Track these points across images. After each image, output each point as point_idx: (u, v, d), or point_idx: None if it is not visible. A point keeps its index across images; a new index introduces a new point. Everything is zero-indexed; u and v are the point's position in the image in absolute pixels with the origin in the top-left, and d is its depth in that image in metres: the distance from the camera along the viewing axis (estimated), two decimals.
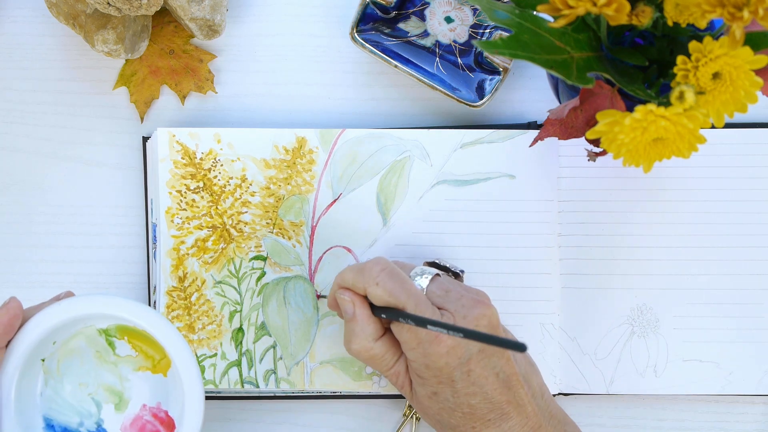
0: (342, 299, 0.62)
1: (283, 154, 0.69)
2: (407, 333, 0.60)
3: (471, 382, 0.59)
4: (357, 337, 0.61)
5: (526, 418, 0.60)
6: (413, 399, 0.62)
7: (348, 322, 0.62)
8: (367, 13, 0.70)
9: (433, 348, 0.59)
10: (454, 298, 0.61)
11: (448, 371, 0.59)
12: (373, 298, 0.60)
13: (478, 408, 0.59)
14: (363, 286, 0.61)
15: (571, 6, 0.50)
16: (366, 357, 0.62)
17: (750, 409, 0.70)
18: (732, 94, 0.52)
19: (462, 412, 0.60)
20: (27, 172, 0.72)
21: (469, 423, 0.60)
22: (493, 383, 0.59)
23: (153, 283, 0.70)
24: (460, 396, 0.59)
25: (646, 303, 0.69)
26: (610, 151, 0.52)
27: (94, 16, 0.67)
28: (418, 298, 0.60)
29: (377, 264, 0.61)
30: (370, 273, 0.60)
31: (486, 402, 0.59)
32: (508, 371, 0.60)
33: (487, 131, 0.69)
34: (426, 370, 0.60)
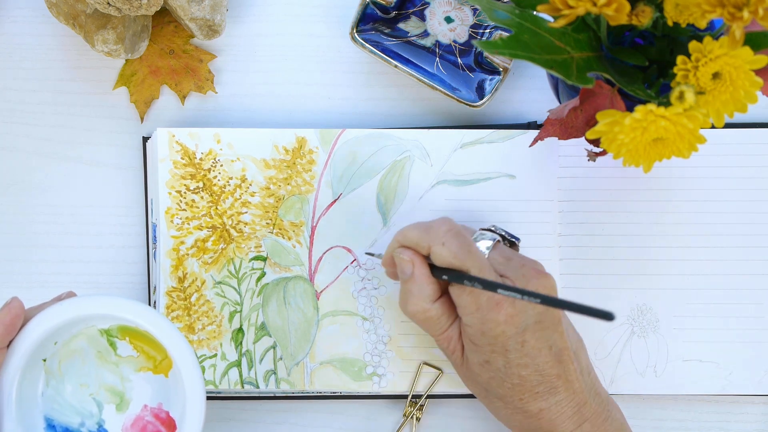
0: (401, 258, 0.61)
1: (283, 154, 0.69)
2: (467, 297, 0.59)
3: (524, 353, 0.59)
4: (414, 297, 0.60)
5: (573, 394, 0.60)
6: (462, 365, 0.62)
7: (405, 282, 0.61)
8: (367, 13, 0.70)
9: (492, 315, 0.58)
10: (515, 266, 0.60)
11: (504, 340, 0.58)
12: (437, 259, 0.59)
13: (528, 379, 0.59)
14: (427, 245, 0.59)
15: (571, 6, 0.50)
16: (421, 319, 0.61)
17: (750, 409, 0.70)
18: (732, 94, 0.52)
19: (511, 382, 0.59)
20: (27, 172, 0.72)
21: (518, 394, 0.60)
22: (546, 356, 0.59)
23: (153, 283, 0.70)
24: (512, 366, 0.59)
25: (646, 303, 0.69)
26: (610, 151, 0.52)
27: (94, 16, 0.67)
28: (482, 262, 0.59)
29: (444, 224, 0.60)
30: (436, 232, 0.59)
31: (537, 374, 0.59)
32: (560, 345, 0.60)
33: (487, 131, 0.69)
34: (481, 337, 0.59)
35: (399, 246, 0.61)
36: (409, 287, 0.60)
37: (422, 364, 0.69)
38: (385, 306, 0.69)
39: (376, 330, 0.69)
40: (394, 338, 0.69)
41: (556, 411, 0.60)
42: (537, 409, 0.60)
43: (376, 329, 0.69)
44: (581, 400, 0.60)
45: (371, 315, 0.69)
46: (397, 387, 0.69)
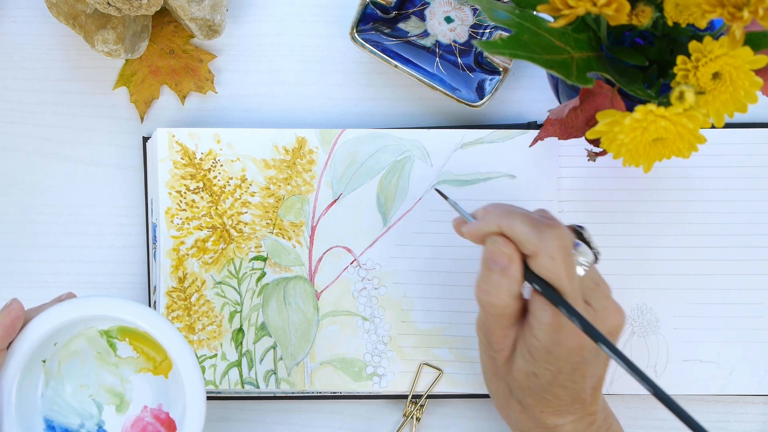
0: (501, 251, 0.57)
1: (283, 155, 0.69)
2: (550, 315, 0.56)
3: (572, 378, 0.58)
4: (501, 291, 0.57)
5: (588, 415, 0.60)
6: (504, 364, 0.60)
7: (493, 272, 0.57)
8: (367, 13, 0.70)
9: (567, 341, 0.57)
10: (599, 296, 0.58)
11: (563, 362, 0.57)
12: (538, 268, 0.56)
13: (561, 399, 0.59)
14: (534, 251, 0.56)
15: (571, 6, 0.50)
16: (497, 312, 0.58)
17: (750, 409, 0.70)
18: (732, 94, 0.52)
19: (544, 397, 0.59)
20: (27, 172, 0.72)
21: (541, 407, 0.60)
22: (587, 384, 0.59)
23: (153, 283, 0.70)
24: (555, 385, 0.59)
25: (646, 303, 0.69)
26: (610, 151, 0.52)
27: (94, 16, 0.67)
28: (577, 290, 0.57)
29: (559, 238, 0.56)
30: (549, 243, 0.56)
31: (570, 397, 0.59)
32: (601, 375, 0.60)
33: (487, 131, 0.69)
34: (543, 353, 0.57)
35: (499, 232, 0.57)
36: (498, 279, 0.57)
37: (422, 365, 0.69)
38: (385, 306, 0.69)
39: (376, 330, 0.69)
40: (395, 338, 0.69)
41: (568, 428, 0.60)
42: (553, 424, 0.60)
43: (377, 329, 0.69)
44: (593, 419, 0.61)
45: (371, 315, 0.69)
46: (398, 387, 0.69)
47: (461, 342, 0.69)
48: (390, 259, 0.69)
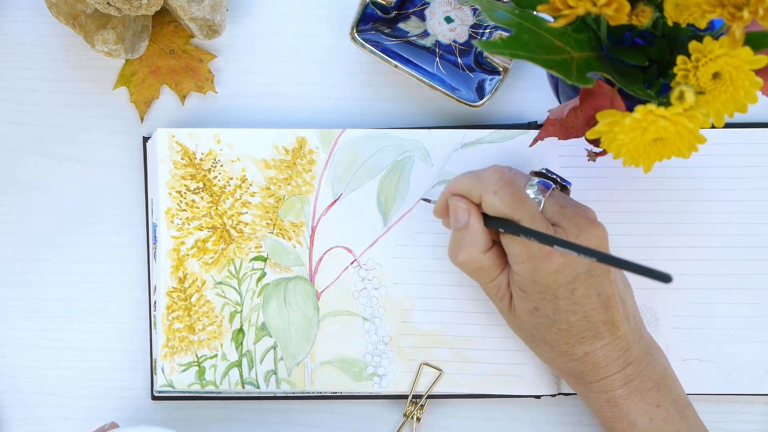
0: (456, 206, 0.61)
1: (283, 155, 0.69)
2: (519, 246, 0.59)
3: (574, 300, 0.59)
4: (467, 246, 0.60)
5: (618, 339, 0.61)
6: (510, 312, 0.62)
7: (458, 230, 0.61)
8: (367, 13, 0.70)
9: (544, 264, 0.58)
10: (569, 215, 0.60)
11: (554, 288, 0.59)
12: (489, 208, 0.59)
13: (576, 325, 0.60)
14: (479, 194, 0.60)
15: (571, 6, 0.50)
16: (472, 268, 0.61)
17: (750, 409, 0.70)
18: (732, 94, 0.52)
19: (559, 328, 0.60)
20: (27, 172, 0.72)
21: (564, 339, 0.61)
22: (594, 303, 0.60)
23: (153, 283, 0.70)
24: (561, 313, 0.60)
25: (646, 303, 0.69)
26: (610, 151, 0.52)
27: (94, 16, 0.67)
28: (533, 212, 0.59)
29: (496, 172, 0.60)
30: (489, 181, 0.59)
31: (584, 320, 0.60)
32: (609, 293, 0.60)
33: (487, 131, 0.69)
34: (531, 285, 0.59)
35: (451, 195, 0.61)
36: (462, 236, 0.60)
37: (422, 365, 0.69)
38: (385, 306, 0.69)
39: (376, 330, 0.69)
40: (395, 338, 0.69)
41: (601, 355, 0.61)
42: (582, 353, 0.61)
43: (377, 329, 0.69)
44: (626, 344, 0.61)
45: (372, 315, 0.69)
46: (398, 387, 0.69)
47: (461, 342, 0.69)
48: (390, 259, 0.69)
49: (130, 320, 0.71)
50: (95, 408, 0.71)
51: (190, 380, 0.68)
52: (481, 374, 0.69)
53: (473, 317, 0.68)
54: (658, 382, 0.62)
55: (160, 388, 0.68)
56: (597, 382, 0.62)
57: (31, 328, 0.71)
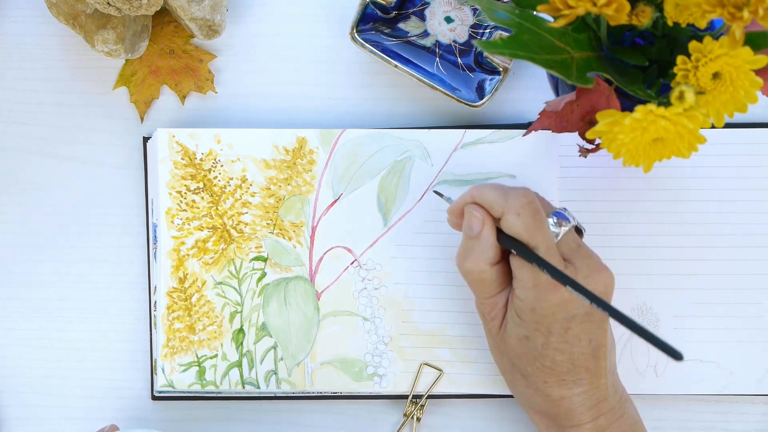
0: (472, 215, 0.60)
1: (283, 155, 0.69)
2: (528, 272, 0.58)
3: (565, 339, 0.59)
4: (475, 255, 0.60)
5: (596, 389, 0.60)
6: (498, 335, 0.62)
7: (469, 239, 0.60)
8: (367, 13, 0.70)
9: (548, 296, 0.58)
10: (583, 255, 0.60)
11: (550, 321, 0.58)
12: (508, 227, 0.59)
13: (560, 365, 0.59)
14: (501, 211, 0.59)
15: (571, 6, 0.50)
16: (475, 278, 0.60)
17: (750, 409, 0.70)
18: (732, 94, 0.52)
19: (543, 363, 0.60)
20: (27, 172, 0.72)
21: (544, 377, 0.60)
22: (584, 348, 0.59)
23: (153, 283, 0.70)
24: (549, 348, 0.59)
25: (646, 303, 0.69)
26: (611, 151, 0.52)
27: (94, 16, 0.67)
28: (550, 243, 0.58)
29: (524, 196, 0.59)
30: (514, 201, 0.59)
31: (569, 362, 0.59)
32: (600, 341, 0.60)
33: (487, 131, 0.69)
34: (529, 313, 0.59)
35: (472, 202, 0.61)
36: (472, 245, 0.60)
37: (423, 365, 0.69)
38: (385, 306, 0.69)
39: (376, 330, 0.69)
40: (395, 339, 0.69)
41: (577, 401, 0.60)
42: (559, 396, 0.60)
43: (377, 330, 0.69)
44: (602, 395, 0.61)
45: (372, 315, 0.69)
46: (398, 387, 0.69)
47: (462, 342, 0.69)
48: (390, 259, 0.69)
49: (130, 320, 0.71)
50: (95, 408, 0.71)
51: (191, 380, 0.68)
52: (481, 374, 0.69)
53: (473, 317, 0.68)
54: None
55: (161, 388, 0.68)
56: (570, 428, 0.61)
57: (31, 328, 0.71)
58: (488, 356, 0.68)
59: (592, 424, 0.61)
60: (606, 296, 0.59)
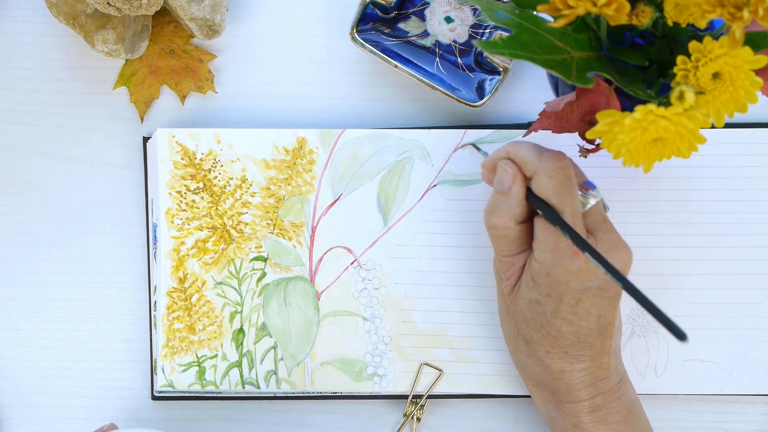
0: (504, 169, 0.60)
1: (283, 155, 0.69)
2: (550, 235, 0.58)
3: (575, 310, 0.59)
4: (502, 211, 0.60)
5: (597, 368, 0.60)
6: (510, 295, 0.62)
7: (498, 193, 0.60)
8: (367, 13, 0.70)
9: (566, 262, 0.58)
10: (606, 228, 0.60)
11: (564, 289, 0.58)
12: (537, 187, 0.59)
13: (565, 336, 0.59)
14: (534, 170, 0.59)
15: (571, 6, 0.50)
16: (499, 233, 0.60)
17: (750, 409, 0.70)
18: (732, 94, 0.52)
19: (548, 332, 0.60)
20: (27, 172, 0.72)
21: (547, 345, 0.60)
22: (592, 323, 0.59)
23: (153, 283, 0.70)
24: (558, 317, 0.59)
25: None
26: (610, 151, 0.52)
27: (94, 16, 0.67)
28: (576, 210, 0.58)
29: (560, 159, 0.59)
30: (549, 162, 0.58)
31: (575, 335, 0.59)
32: (609, 319, 0.60)
33: (487, 131, 0.69)
34: (544, 277, 0.59)
35: (506, 157, 0.60)
36: (501, 199, 0.60)
37: (423, 365, 0.69)
38: (385, 306, 0.69)
39: (376, 330, 0.69)
40: (395, 339, 0.69)
41: (576, 377, 0.60)
42: (558, 369, 0.60)
43: (377, 330, 0.69)
44: (602, 375, 0.61)
45: (372, 315, 0.69)
46: (398, 387, 0.69)
47: (462, 342, 0.69)
48: (390, 259, 0.69)
49: (130, 320, 0.71)
50: (95, 408, 0.71)
51: (191, 380, 0.68)
52: (481, 374, 0.69)
53: (473, 317, 0.68)
54: (626, 416, 0.62)
55: (161, 388, 0.68)
56: (567, 404, 0.61)
57: (31, 328, 0.71)
58: (488, 356, 0.68)
59: (589, 402, 0.61)
60: (623, 273, 0.59)
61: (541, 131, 0.65)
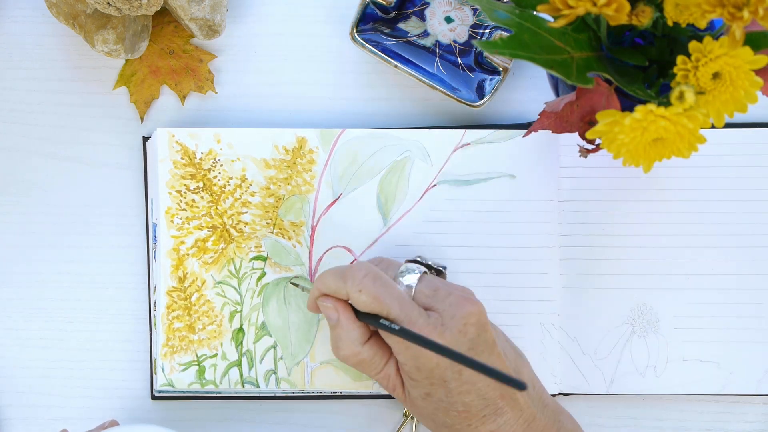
0: (324, 306, 0.61)
1: (283, 154, 0.69)
2: (394, 338, 0.59)
3: (463, 381, 0.59)
4: (343, 342, 0.61)
5: (520, 411, 0.59)
6: (406, 400, 0.62)
7: (333, 328, 0.61)
8: (367, 13, 0.70)
9: (423, 352, 0.58)
10: (441, 297, 0.60)
11: (440, 372, 0.59)
12: (357, 305, 0.60)
13: (473, 405, 0.59)
14: (344, 293, 0.60)
15: (571, 6, 0.50)
16: (355, 362, 0.61)
17: (750, 409, 0.70)
18: (732, 94, 0.52)
19: (456, 410, 0.59)
20: (27, 172, 0.72)
21: (465, 421, 0.59)
22: (485, 380, 0.59)
23: (153, 283, 0.70)
24: (454, 395, 0.59)
25: (646, 303, 0.69)
26: (610, 151, 0.52)
27: (94, 16, 0.67)
28: (402, 301, 0.59)
29: (360, 270, 0.60)
30: (353, 279, 0.59)
31: (480, 399, 0.59)
32: (498, 366, 0.59)
33: (487, 131, 0.69)
34: (417, 372, 0.59)
35: (320, 294, 0.62)
36: (338, 333, 0.61)
37: None
38: None
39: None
40: None
41: (508, 430, 0.59)
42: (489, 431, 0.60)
43: None
44: (529, 415, 0.60)
45: None
46: None
47: None
48: (391, 257, 0.69)
49: (130, 320, 0.71)
50: (95, 408, 0.71)
51: (190, 379, 0.68)
52: None
53: None
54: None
55: (160, 387, 0.68)
56: None
57: (31, 328, 0.71)
58: None
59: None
60: (482, 327, 0.59)
61: (541, 131, 0.65)
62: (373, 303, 0.59)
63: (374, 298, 0.59)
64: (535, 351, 0.68)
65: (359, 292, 0.59)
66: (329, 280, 0.61)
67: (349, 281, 0.60)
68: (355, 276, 0.60)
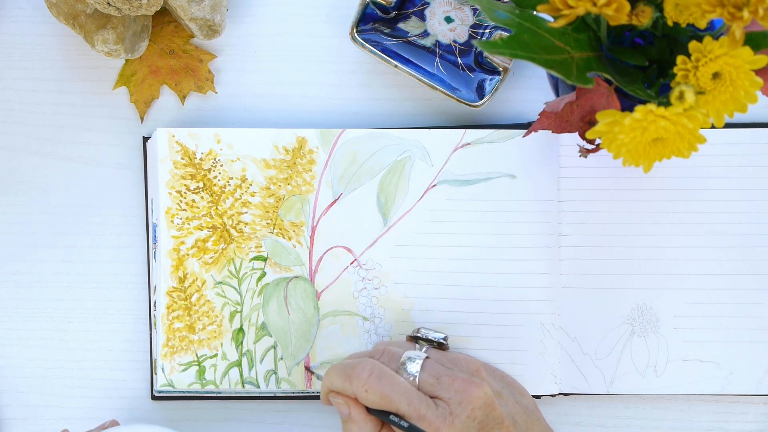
0: (336, 402, 0.62)
1: (283, 154, 0.69)
2: None
3: None
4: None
5: None
6: None
7: (345, 422, 0.62)
8: (367, 13, 0.70)
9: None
10: (446, 385, 0.61)
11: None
12: (366, 404, 0.61)
13: None
14: (351, 394, 0.61)
15: (571, 6, 0.50)
16: None
17: (750, 409, 0.70)
18: (732, 94, 0.52)
19: None
20: (27, 172, 0.72)
21: None
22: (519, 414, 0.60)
23: (153, 283, 0.70)
24: None
25: (646, 303, 0.69)
26: (610, 151, 0.52)
27: (94, 16, 0.67)
28: (410, 396, 0.60)
29: (364, 369, 0.61)
30: (358, 380, 0.60)
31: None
32: None
33: (487, 131, 0.69)
34: None
35: (329, 391, 0.62)
36: (350, 427, 0.62)
37: None
38: (385, 306, 0.69)
39: (376, 330, 0.69)
40: (395, 338, 0.69)
41: None
42: None
43: (377, 329, 0.69)
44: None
45: (372, 315, 0.69)
46: None
47: (461, 342, 0.69)
48: (390, 259, 0.69)
49: (130, 320, 0.71)
50: (95, 408, 0.71)
51: (190, 380, 0.68)
52: None
53: (473, 317, 0.68)
54: None
55: (160, 387, 0.68)
56: None
57: (31, 328, 0.71)
58: (488, 356, 0.68)
59: None
60: (490, 407, 0.60)
61: (541, 131, 0.65)
62: (381, 401, 0.60)
63: (382, 396, 0.60)
64: (535, 351, 0.68)
65: (366, 392, 0.60)
66: (336, 380, 0.62)
67: (355, 382, 0.60)
68: (360, 376, 0.60)
